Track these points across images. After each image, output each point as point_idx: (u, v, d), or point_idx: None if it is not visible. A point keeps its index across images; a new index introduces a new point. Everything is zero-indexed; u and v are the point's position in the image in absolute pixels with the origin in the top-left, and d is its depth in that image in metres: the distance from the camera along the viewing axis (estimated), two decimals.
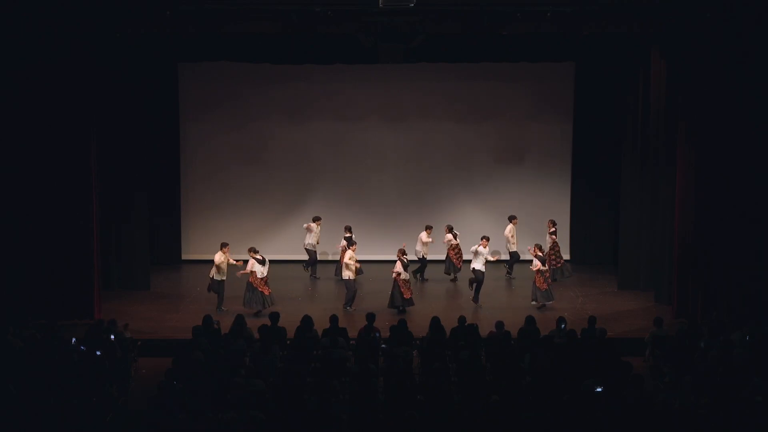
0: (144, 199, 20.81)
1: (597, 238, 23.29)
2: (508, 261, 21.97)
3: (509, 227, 21.79)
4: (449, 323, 15.87)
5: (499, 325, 15.49)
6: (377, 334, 15.52)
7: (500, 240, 21.98)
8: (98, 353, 14.32)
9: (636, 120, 20.60)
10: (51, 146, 17.70)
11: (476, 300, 19.45)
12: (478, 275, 19.50)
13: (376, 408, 12.50)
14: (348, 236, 20.93)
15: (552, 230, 21.49)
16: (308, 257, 21.80)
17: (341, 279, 20.11)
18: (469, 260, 20.63)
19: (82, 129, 17.91)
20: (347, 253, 19.25)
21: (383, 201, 23.47)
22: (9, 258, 17.83)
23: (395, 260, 18.97)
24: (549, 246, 21.30)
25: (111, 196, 20.19)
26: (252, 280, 18.76)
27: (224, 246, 19.02)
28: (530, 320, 15.83)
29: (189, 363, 13.66)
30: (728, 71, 17.46)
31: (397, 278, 18.80)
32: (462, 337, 15.22)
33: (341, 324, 15.82)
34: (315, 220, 21.73)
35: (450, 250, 21.61)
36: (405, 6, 16.39)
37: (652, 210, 20.03)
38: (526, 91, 23.26)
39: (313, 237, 21.66)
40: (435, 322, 15.56)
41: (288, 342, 15.33)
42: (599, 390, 12.61)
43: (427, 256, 21.56)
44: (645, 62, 19.84)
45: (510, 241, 21.78)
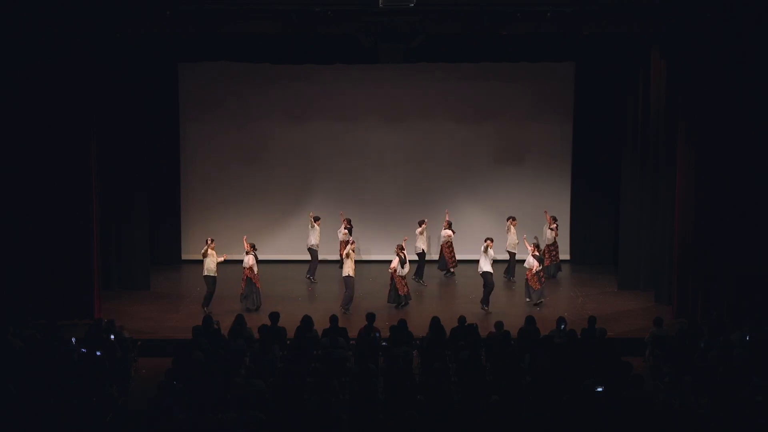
0: (144, 199, 20.81)
1: (597, 238, 23.29)
2: (508, 262, 21.88)
3: (512, 229, 21.66)
4: (449, 323, 15.87)
5: (499, 325, 15.49)
6: (377, 334, 15.52)
7: (502, 239, 21.98)
8: (98, 353, 14.32)
9: (636, 120, 20.61)
10: (51, 146, 17.70)
11: (485, 304, 19.08)
12: (488, 278, 19.11)
13: (376, 408, 12.50)
14: (349, 227, 21.02)
15: (554, 226, 21.49)
16: (311, 259, 21.71)
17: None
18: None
19: (82, 129, 17.91)
20: (346, 251, 19.22)
21: (383, 201, 23.47)
22: (9, 258, 17.83)
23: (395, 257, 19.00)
24: (549, 242, 21.30)
25: (111, 196, 20.19)
26: (251, 276, 18.78)
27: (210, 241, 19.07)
28: (530, 320, 15.83)
29: (189, 363, 13.66)
30: (728, 71, 17.46)
31: (393, 274, 18.79)
32: (462, 337, 15.22)
33: (341, 324, 15.82)
34: (315, 221, 21.71)
35: (445, 247, 21.59)
36: (405, 6, 16.39)
37: (652, 210, 20.03)
38: (526, 91, 23.26)
39: (315, 237, 21.59)
40: (435, 322, 15.56)
41: (288, 342, 15.32)
42: (599, 390, 12.62)
43: (426, 252, 21.53)
44: (645, 62, 19.84)
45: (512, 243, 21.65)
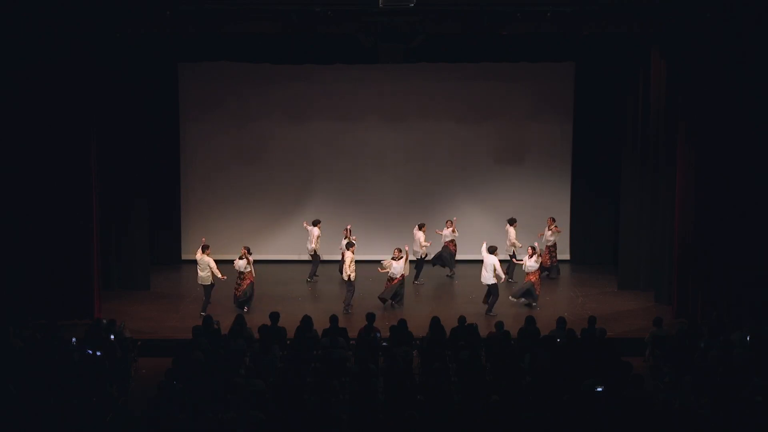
0: (144, 199, 20.80)
1: (597, 238, 23.29)
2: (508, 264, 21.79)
3: (512, 231, 21.64)
4: (449, 323, 15.88)
5: (499, 325, 15.51)
6: (377, 334, 15.53)
7: (501, 240, 21.97)
8: (98, 353, 14.33)
9: (636, 120, 20.61)
10: (51, 146, 17.69)
11: (490, 311, 18.94)
12: (493, 289, 18.94)
13: (376, 408, 12.50)
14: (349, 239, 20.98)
15: (553, 227, 21.47)
16: (312, 261, 21.72)
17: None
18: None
19: (82, 129, 17.91)
20: (347, 255, 19.22)
21: (383, 201, 23.47)
22: (9, 258, 17.83)
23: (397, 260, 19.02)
24: (550, 243, 21.29)
25: (111, 196, 20.18)
26: (252, 280, 18.78)
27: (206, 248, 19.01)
28: (530, 320, 15.83)
29: (189, 363, 13.66)
30: (728, 71, 17.46)
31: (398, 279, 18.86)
32: (462, 337, 15.22)
33: (341, 324, 15.82)
34: (315, 224, 21.65)
35: (451, 244, 21.57)
36: (405, 6, 16.39)
37: (652, 210, 20.03)
38: (526, 91, 23.26)
39: (315, 242, 21.55)
40: (435, 322, 15.56)
41: (288, 342, 15.33)
42: (599, 390, 12.62)
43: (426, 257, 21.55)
44: (645, 62, 19.84)
45: (515, 245, 21.58)
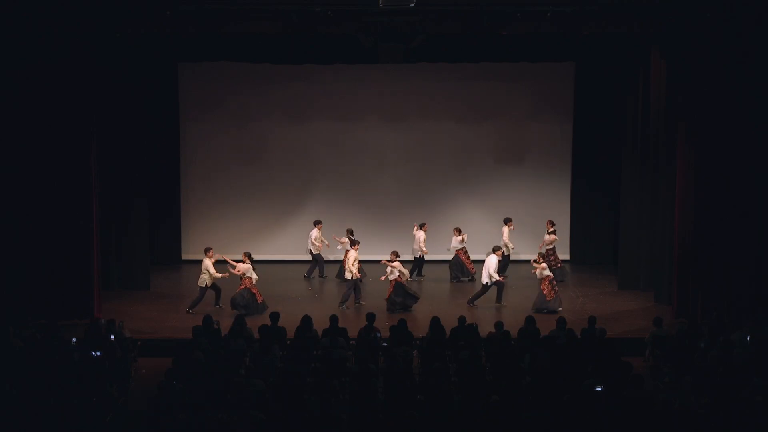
0: (144, 199, 20.80)
1: (597, 238, 23.30)
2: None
3: (506, 230, 21.64)
4: (449, 323, 15.87)
5: (499, 325, 15.50)
6: (377, 334, 15.53)
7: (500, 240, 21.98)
8: (98, 353, 14.32)
9: (636, 120, 20.61)
10: (51, 146, 17.69)
11: (472, 302, 19.27)
12: (499, 285, 19.21)
13: (376, 408, 12.50)
14: (351, 238, 20.99)
15: (551, 230, 21.46)
16: (316, 262, 21.73)
17: (343, 280, 20.20)
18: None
19: (82, 129, 17.91)
20: (350, 254, 19.23)
21: (383, 201, 23.48)
22: (9, 258, 17.83)
23: (399, 260, 19.02)
24: (549, 246, 21.29)
25: (111, 196, 20.18)
26: (249, 285, 18.77)
27: (208, 251, 18.99)
28: (530, 320, 15.82)
29: (189, 363, 13.66)
30: (728, 71, 17.46)
31: (397, 280, 18.89)
32: (462, 337, 15.22)
33: (341, 324, 15.81)
34: (316, 224, 21.67)
35: (461, 252, 21.55)
36: (405, 6, 16.39)
37: (652, 210, 20.03)
38: (526, 91, 23.27)
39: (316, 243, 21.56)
40: (435, 322, 15.56)
41: (288, 342, 15.32)
42: (599, 390, 12.62)
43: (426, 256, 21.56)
44: (645, 62, 19.84)
45: (508, 245, 21.59)
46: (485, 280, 19.16)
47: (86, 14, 17.30)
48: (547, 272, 19.02)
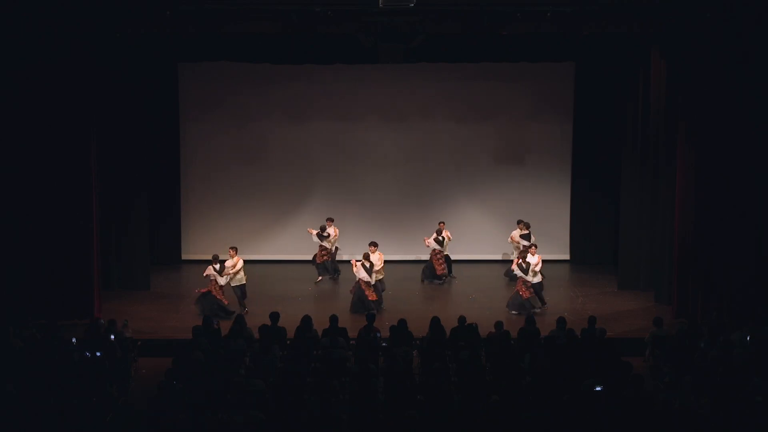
0: (144, 199, 20.80)
1: (597, 238, 23.28)
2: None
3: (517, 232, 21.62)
4: (449, 323, 15.88)
5: (499, 325, 15.50)
6: (377, 334, 15.53)
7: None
8: (98, 354, 14.33)
9: (636, 120, 20.61)
10: (51, 146, 17.69)
11: (543, 302, 19.14)
12: (536, 287, 19.08)
13: (376, 408, 12.51)
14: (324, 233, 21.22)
15: (526, 232, 21.24)
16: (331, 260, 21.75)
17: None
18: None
19: (82, 129, 17.91)
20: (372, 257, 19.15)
21: (383, 201, 23.47)
22: (9, 258, 17.83)
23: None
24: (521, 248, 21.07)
25: (111, 196, 20.18)
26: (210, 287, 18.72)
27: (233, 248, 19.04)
28: (530, 320, 15.83)
29: (189, 363, 13.66)
30: (728, 71, 17.46)
31: (361, 282, 18.78)
32: (462, 337, 15.22)
33: (341, 324, 15.82)
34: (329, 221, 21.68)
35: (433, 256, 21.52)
36: (405, 6, 16.39)
37: (652, 210, 20.03)
38: (526, 91, 23.25)
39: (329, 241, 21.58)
40: (435, 322, 15.56)
41: (288, 342, 15.33)
42: (599, 390, 12.62)
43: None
44: (645, 62, 19.83)
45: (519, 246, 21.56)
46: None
47: (86, 14, 17.30)
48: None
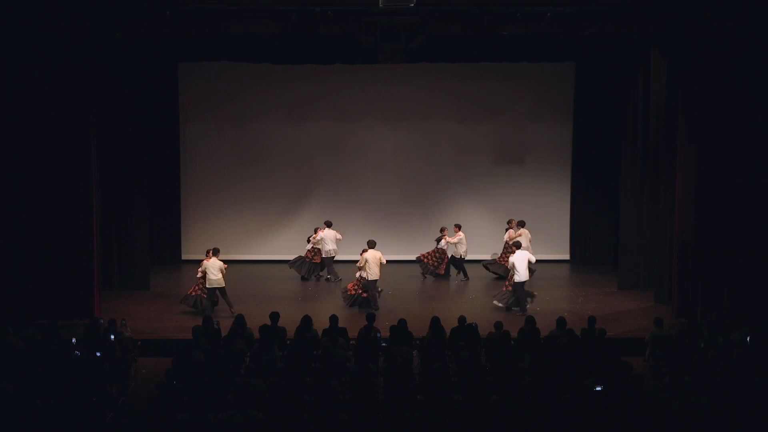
0: (144, 199, 20.80)
1: (597, 238, 23.29)
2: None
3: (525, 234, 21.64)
4: (449, 323, 15.88)
5: (498, 326, 15.50)
6: (377, 334, 15.53)
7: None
8: (98, 353, 14.33)
9: (636, 120, 20.60)
10: (51, 146, 17.68)
11: (515, 307, 18.99)
12: (518, 288, 18.96)
13: (376, 408, 12.51)
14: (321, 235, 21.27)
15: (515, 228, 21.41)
16: (325, 264, 21.76)
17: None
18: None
19: (82, 129, 17.90)
20: (367, 254, 19.16)
21: (383, 201, 23.48)
22: (9, 258, 17.82)
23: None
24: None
25: (111, 196, 20.18)
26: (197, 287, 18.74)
27: (217, 252, 18.96)
28: (530, 320, 15.83)
29: (189, 363, 13.66)
30: (728, 71, 17.44)
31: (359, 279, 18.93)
32: (462, 337, 15.22)
33: (341, 324, 15.82)
34: (329, 227, 21.63)
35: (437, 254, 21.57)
36: (405, 6, 16.40)
37: (652, 210, 20.03)
38: (526, 91, 23.26)
39: (328, 243, 21.57)
40: (435, 322, 15.57)
41: (288, 342, 15.33)
42: (599, 389, 12.62)
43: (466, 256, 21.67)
44: (645, 62, 19.84)
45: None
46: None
47: (86, 14, 17.32)
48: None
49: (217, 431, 11.61)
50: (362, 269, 18.99)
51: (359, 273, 19.01)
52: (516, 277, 18.79)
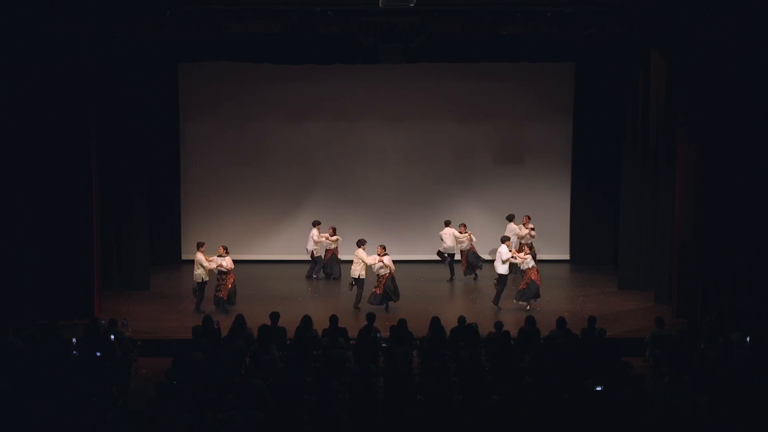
0: (144, 199, 20.80)
1: (597, 238, 23.30)
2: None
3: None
4: (449, 323, 15.88)
5: (498, 325, 15.50)
6: (377, 334, 15.53)
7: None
8: (98, 353, 14.32)
9: (636, 120, 20.61)
10: (51, 146, 17.68)
11: (497, 302, 19.19)
12: (503, 279, 19.30)
13: (376, 408, 12.51)
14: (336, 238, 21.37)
15: (530, 226, 21.44)
16: (315, 263, 21.76)
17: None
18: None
19: (82, 129, 17.90)
20: (360, 252, 19.19)
21: (383, 201, 23.49)
22: (9, 258, 17.82)
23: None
24: (527, 242, 21.18)
25: (111, 196, 20.19)
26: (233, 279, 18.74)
27: (200, 246, 19.05)
28: (530, 320, 15.82)
29: (189, 363, 13.66)
30: (728, 71, 17.45)
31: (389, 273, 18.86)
32: (462, 337, 15.22)
33: (341, 324, 15.82)
34: (315, 225, 21.68)
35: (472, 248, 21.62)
36: (405, 6, 16.41)
37: (652, 210, 20.04)
38: (526, 91, 23.28)
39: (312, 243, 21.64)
40: (435, 322, 15.56)
41: (288, 342, 15.33)
42: (599, 389, 12.62)
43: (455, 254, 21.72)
44: (645, 62, 19.84)
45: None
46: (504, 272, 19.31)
47: (86, 14, 17.32)
48: (531, 263, 19.10)
49: (217, 431, 11.61)
50: (381, 268, 18.99)
51: (380, 272, 18.94)
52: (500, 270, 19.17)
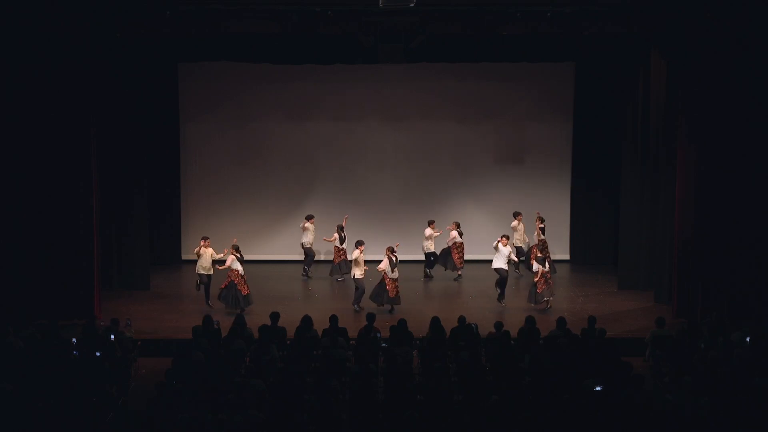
0: (144, 200, 20.80)
1: (597, 238, 23.29)
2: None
3: (519, 224, 21.82)
4: (449, 323, 15.87)
5: (498, 325, 15.50)
6: (377, 334, 15.53)
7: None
8: (98, 354, 14.32)
9: (636, 120, 20.61)
10: (51, 146, 17.68)
11: (501, 299, 19.26)
12: (502, 273, 19.34)
13: (376, 408, 12.51)
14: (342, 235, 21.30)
15: (542, 226, 21.46)
16: (306, 256, 21.82)
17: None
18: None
19: (82, 129, 17.90)
20: (355, 252, 19.21)
21: (383, 201, 23.48)
22: (9, 258, 17.82)
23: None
24: (539, 241, 21.24)
25: (111, 196, 20.18)
26: (233, 278, 18.75)
27: (204, 239, 19.20)
28: (530, 320, 15.82)
29: (189, 363, 13.66)
30: (728, 71, 17.46)
31: (385, 276, 18.79)
32: (462, 337, 15.22)
33: (341, 324, 15.82)
34: (308, 219, 21.76)
35: (454, 248, 21.62)
36: (405, 6, 16.41)
37: (652, 210, 20.03)
38: (526, 91, 23.27)
39: (309, 235, 21.72)
40: (435, 322, 15.56)
41: (288, 342, 15.33)
42: (599, 389, 12.62)
43: (433, 250, 21.73)
44: (645, 62, 19.84)
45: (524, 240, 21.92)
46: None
47: (86, 14, 17.32)
48: (536, 267, 19.10)
49: (217, 431, 11.61)
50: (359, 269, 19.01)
51: (388, 274, 18.95)
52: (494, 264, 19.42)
